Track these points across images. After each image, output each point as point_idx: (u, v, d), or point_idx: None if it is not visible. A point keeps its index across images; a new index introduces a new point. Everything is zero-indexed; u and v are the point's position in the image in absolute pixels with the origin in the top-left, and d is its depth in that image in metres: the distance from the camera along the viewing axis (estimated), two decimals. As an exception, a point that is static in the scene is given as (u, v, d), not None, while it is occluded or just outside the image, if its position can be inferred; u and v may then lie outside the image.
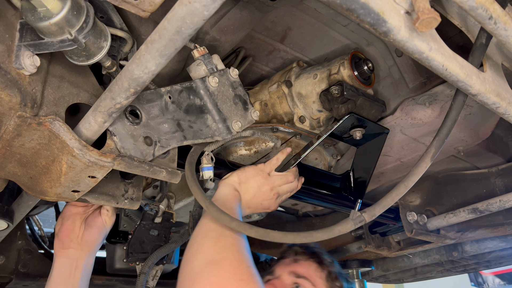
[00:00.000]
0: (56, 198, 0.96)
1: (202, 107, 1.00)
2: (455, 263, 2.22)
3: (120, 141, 0.87)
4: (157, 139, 0.94)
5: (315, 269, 1.40)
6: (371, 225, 2.06)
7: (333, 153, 1.56)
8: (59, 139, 0.81)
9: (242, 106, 1.07)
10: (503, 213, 1.66)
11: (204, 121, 1.00)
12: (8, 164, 0.88)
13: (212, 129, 1.01)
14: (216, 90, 1.02)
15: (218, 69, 1.06)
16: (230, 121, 1.03)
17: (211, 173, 1.09)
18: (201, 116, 1.00)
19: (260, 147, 1.34)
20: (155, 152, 0.93)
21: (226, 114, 1.03)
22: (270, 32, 1.35)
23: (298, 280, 1.35)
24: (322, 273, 1.40)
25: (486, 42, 0.84)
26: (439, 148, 0.93)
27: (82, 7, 0.72)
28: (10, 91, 0.73)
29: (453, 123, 0.92)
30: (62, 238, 1.21)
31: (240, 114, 1.06)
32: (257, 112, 1.12)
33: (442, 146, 0.93)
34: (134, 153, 0.90)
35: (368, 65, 1.25)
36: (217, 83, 1.02)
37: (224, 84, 1.05)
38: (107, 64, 0.84)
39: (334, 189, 1.47)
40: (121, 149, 0.88)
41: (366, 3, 0.57)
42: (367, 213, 0.96)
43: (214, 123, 1.01)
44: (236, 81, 1.09)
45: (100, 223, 1.25)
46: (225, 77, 1.06)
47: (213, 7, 0.55)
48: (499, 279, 6.78)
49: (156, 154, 0.93)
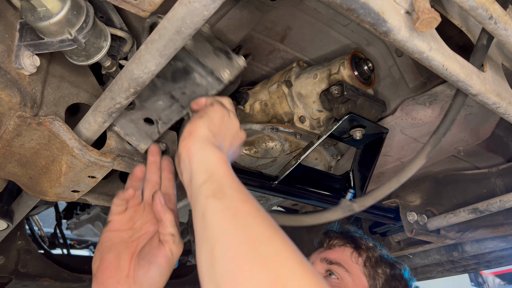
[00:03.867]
0: (56, 198, 0.96)
1: (185, 68, 0.97)
2: (455, 263, 2.22)
3: (122, 129, 0.87)
4: (157, 117, 0.94)
5: (350, 254, 1.25)
6: (371, 225, 2.06)
7: (333, 153, 1.56)
8: (59, 139, 0.81)
9: (225, 57, 1.03)
10: (503, 213, 1.66)
11: (193, 82, 0.97)
12: (8, 164, 0.88)
13: (203, 85, 0.97)
14: (193, 47, 0.98)
15: None
16: (218, 72, 0.98)
17: None
18: (188, 78, 0.97)
19: (260, 147, 1.34)
20: (159, 129, 0.93)
21: (211, 66, 0.98)
22: (270, 32, 1.35)
23: (331, 267, 1.22)
24: (360, 258, 1.25)
25: (488, 43, 0.84)
26: (435, 146, 0.93)
27: (82, 7, 0.72)
28: (10, 91, 0.73)
29: (451, 123, 0.92)
30: (104, 281, 0.81)
31: (225, 64, 1.01)
32: (243, 58, 1.04)
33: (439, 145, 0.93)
34: (139, 135, 0.90)
35: (368, 65, 1.25)
36: (191, 41, 0.97)
37: (199, 40, 1.02)
38: (107, 64, 0.84)
39: (334, 189, 1.47)
40: (126, 136, 0.88)
41: (366, 3, 0.56)
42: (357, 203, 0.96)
43: (203, 78, 0.97)
44: (210, 35, 1.06)
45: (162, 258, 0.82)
46: (198, 34, 1.02)
47: (213, 7, 0.55)
48: (499, 279, 6.79)
49: (161, 131, 0.93)
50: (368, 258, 1.26)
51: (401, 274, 1.28)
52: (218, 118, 0.82)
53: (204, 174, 0.71)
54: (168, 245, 0.82)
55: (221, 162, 0.73)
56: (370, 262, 1.25)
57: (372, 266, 1.24)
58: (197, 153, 0.75)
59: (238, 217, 0.63)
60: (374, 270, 1.24)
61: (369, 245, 1.30)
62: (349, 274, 1.21)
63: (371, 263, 1.25)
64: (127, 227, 0.88)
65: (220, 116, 0.83)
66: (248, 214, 0.63)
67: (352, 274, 1.21)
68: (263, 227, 0.62)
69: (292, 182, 1.33)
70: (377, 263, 1.26)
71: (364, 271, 1.23)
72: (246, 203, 0.65)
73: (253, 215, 0.63)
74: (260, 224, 0.62)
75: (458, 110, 0.91)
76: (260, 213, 0.64)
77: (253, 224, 0.62)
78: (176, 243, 0.83)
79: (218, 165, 0.73)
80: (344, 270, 1.21)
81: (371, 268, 1.24)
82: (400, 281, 1.25)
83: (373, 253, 1.28)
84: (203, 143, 0.76)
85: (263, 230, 0.61)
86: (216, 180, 0.70)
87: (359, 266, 1.24)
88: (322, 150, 1.53)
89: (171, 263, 0.83)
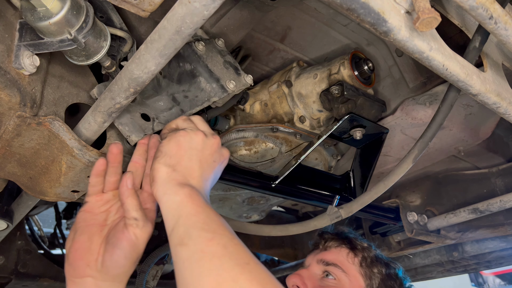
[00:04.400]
0: (56, 198, 0.96)
1: (193, 71, 0.98)
2: (456, 263, 2.22)
3: (118, 116, 0.86)
4: (155, 116, 0.94)
5: (346, 255, 1.27)
6: (371, 225, 2.06)
7: (333, 153, 1.56)
8: (58, 139, 0.80)
9: (233, 71, 1.04)
10: (504, 213, 1.66)
11: (197, 85, 0.98)
12: (8, 164, 0.88)
13: (207, 91, 0.98)
14: (204, 54, 1.00)
15: (203, 38, 1.06)
16: (224, 80, 1.00)
17: None
18: (194, 81, 0.98)
19: (260, 147, 1.34)
20: (154, 127, 0.93)
21: (218, 75, 1.00)
22: (270, 32, 1.35)
23: (328, 268, 1.24)
24: (355, 258, 1.27)
25: (480, 46, 0.84)
26: (422, 151, 0.93)
27: (81, 7, 0.72)
28: (10, 91, 0.73)
29: (438, 127, 0.92)
30: (74, 262, 0.82)
31: (233, 77, 1.03)
32: (251, 76, 1.06)
33: (425, 149, 0.94)
34: (132, 127, 0.88)
35: (369, 65, 1.25)
36: (203, 47, 1.00)
37: (212, 51, 1.04)
38: (106, 64, 0.84)
39: (334, 190, 1.47)
40: (119, 125, 0.87)
41: (366, 3, 0.56)
42: (344, 209, 0.96)
43: (208, 84, 0.98)
44: (224, 50, 1.07)
45: (126, 241, 0.81)
46: (212, 45, 1.04)
47: (213, 6, 0.55)
48: (499, 279, 6.79)
49: (155, 129, 0.92)
50: (364, 258, 1.28)
51: (396, 273, 1.30)
52: (175, 148, 0.81)
53: (171, 221, 0.73)
54: (132, 229, 0.81)
55: (185, 200, 0.74)
56: (366, 262, 1.27)
57: (368, 266, 1.26)
58: (162, 199, 0.76)
59: (203, 262, 0.65)
60: (370, 270, 1.26)
61: (364, 245, 1.32)
62: (346, 274, 1.23)
63: (367, 263, 1.27)
64: (102, 210, 0.87)
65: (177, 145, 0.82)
66: (212, 257, 0.65)
67: (349, 274, 1.23)
68: (228, 268, 0.64)
69: (292, 182, 1.33)
70: (373, 263, 1.27)
71: (361, 271, 1.25)
72: (212, 243, 0.67)
73: (218, 256, 0.65)
74: (225, 265, 0.64)
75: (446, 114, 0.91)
76: (227, 251, 0.66)
77: (218, 267, 0.64)
78: (140, 227, 0.81)
79: (182, 205, 0.74)
80: (341, 271, 1.23)
81: (367, 268, 1.26)
82: (395, 280, 1.27)
83: (369, 253, 1.30)
84: (164, 186, 0.77)
85: (228, 271, 0.64)
86: (182, 224, 0.71)
87: (355, 266, 1.26)
88: (322, 150, 1.53)
89: (136, 247, 0.82)
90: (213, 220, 0.72)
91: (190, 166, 0.81)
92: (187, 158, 0.81)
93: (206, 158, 0.84)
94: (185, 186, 0.76)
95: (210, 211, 0.73)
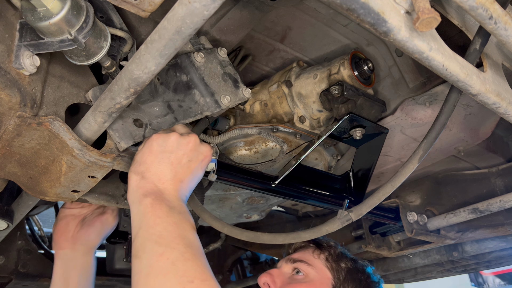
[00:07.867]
0: (56, 198, 0.96)
1: (188, 82, 0.98)
2: (455, 263, 2.22)
3: None
4: (148, 122, 0.94)
5: (311, 252, 1.38)
6: (371, 225, 2.06)
7: (333, 153, 1.56)
8: (58, 139, 0.81)
9: (232, 84, 1.05)
10: (504, 213, 1.66)
11: (192, 97, 0.99)
12: (8, 164, 0.88)
13: (200, 104, 0.99)
14: (203, 66, 1.00)
15: (205, 47, 1.06)
16: (219, 95, 1.00)
17: (213, 165, 1.09)
18: (188, 92, 0.99)
19: (260, 147, 1.34)
20: (145, 134, 0.93)
21: (214, 88, 1.00)
22: (270, 32, 1.35)
23: (295, 265, 1.34)
24: (321, 254, 1.37)
25: (480, 48, 0.84)
26: (427, 151, 0.93)
27: (82, 7, 0.72)
28: (10, 91, 0.73)
29: (442, 127, 0.92)
30: (56, 239, 1.23)
31: (230, 91, 1.03)
32: (249, 90, 1.07)
33: (430, 149, 0.94)
34: (122, 133, 0.89)
35: (368, 65, 1.25)
36: (203, 58, 1.00)
37: (212, 62, 1.03)
38: (106, 64, 0.84)
39: (334, 190, 1.47)
40: (109, 129, 0.87)
41: (366, 3, 0.56)
42: (354, 212, 0.97)
43: (202, 97, 0.98)
44: (225, 60, 1.07)
45: (98, 223, 1.26)
46: (213, 55, 1.04)
47: (213, 7, 0.55)
48: (499, 279, 6.78)
49: (146, 136, 0.93)
50: (330, 254, 1.37)
51: (363, 268, 1.38)
52: (146, 154, 0.84)
53: (134, 231, 0.78)
54: (107, 215, 1.27)
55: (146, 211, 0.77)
56: (332, 257, 1.36)
57: (334, 261, 1.35)
58: (131, 208, 0.81)
59: (149, 278, 0.70)
60: (336, 263, 1.35)
61: (330, 243, 1.42)
62: (313, 267, 1.31)
63: (333, 258, 1.36)
64: (78, 206, 1.26)
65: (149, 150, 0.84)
66: (158, 273, 0.69)
67: (315, 267, 1.32)
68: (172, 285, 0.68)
69: (292, 182, 1.33)
70: (339, 258, 1.37)
71: (327, 264, 1.34)
72: (161, 258, 0.70)
73: (163, 273, 0.69)
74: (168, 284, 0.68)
75: (449, 114, 0.91)
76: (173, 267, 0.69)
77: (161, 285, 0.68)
78: (113, 216, 1.29)
79: (143, 216, 0.77)
80: (307, 265, 1.32)
81: (333, 262, 1.35)
82: (362, 273, 1.36)
83: (334, 250, 1.39)
84: (133, 195, 0.81)
85: None
86: (141, 235, 0.75)
87: (321, 261, 1.35)
88: (322, 150, 1.53)
89: (105, 228, 1.27)
90: (169, 232, 0.74)
91: (161, 170, 0.83)
92: (157, 163, 0.83)
93: (179, 159, 0.85)
94: (149, 195, 0.79)
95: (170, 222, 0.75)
